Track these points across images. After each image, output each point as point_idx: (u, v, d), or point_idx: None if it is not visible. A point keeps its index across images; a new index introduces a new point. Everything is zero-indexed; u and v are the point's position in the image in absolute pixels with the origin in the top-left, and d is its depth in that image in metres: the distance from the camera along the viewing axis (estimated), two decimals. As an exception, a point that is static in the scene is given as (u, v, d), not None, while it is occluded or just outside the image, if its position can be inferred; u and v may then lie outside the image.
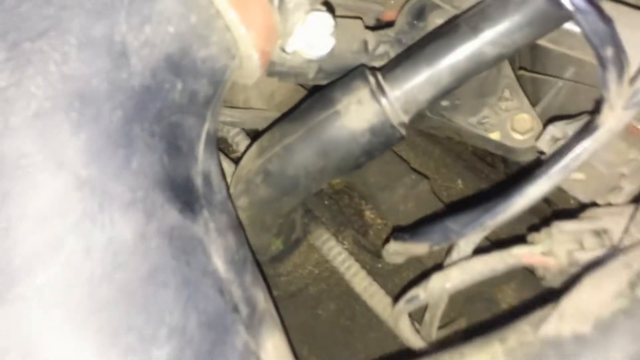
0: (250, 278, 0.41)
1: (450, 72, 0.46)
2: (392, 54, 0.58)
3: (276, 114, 0.67)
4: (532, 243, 0.46)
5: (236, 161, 0.68)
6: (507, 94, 0.63)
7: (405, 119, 0.48)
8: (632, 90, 0.37)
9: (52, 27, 0.31)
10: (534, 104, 0.66)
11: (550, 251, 0.44)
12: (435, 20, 0.59)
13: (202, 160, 0.39)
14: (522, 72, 0.61)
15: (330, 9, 0.47)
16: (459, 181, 0.68)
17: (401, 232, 0.47)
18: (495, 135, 0.61)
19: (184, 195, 0.36)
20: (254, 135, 0.70)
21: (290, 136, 0.49)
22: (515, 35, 0.45)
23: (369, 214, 0.65)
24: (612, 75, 0.36)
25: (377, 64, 0.58)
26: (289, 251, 0.61)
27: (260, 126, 0.68)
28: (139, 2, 0.33)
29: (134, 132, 0.33)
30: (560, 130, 0.51)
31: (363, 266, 0.63)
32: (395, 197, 0.63)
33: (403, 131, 0.49)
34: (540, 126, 0.61)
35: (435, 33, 0.48)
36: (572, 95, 0.64)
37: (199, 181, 0.38)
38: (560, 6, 0.36)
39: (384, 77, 0.48)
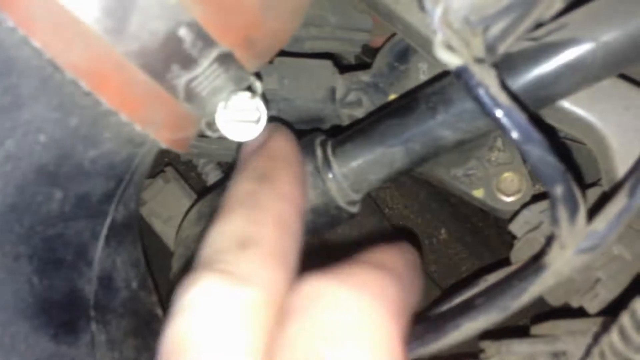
0: (151, 388, 0.37)
1: (405, 154, 0.40)
2: (366, 101, 0.53)
3: (247, 147, 0.62)
4: (481, 354, 0.41)
5: (201, 192, 0.64)
6: (499, 143, 0.56)
7: (356, 197, 0.43)
8: (586, 232, 0.31)
9: None
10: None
11: (498, 371, 0.39)
12: (419, 64, 0.53)
13: (100, 261, 0.36)
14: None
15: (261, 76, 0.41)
16: (443, 230, 0.62)
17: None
18: (478, 193, 0.55)
19: (62, 315, 0.33)
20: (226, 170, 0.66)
21: None
22: (479, 122, 0.38)
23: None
24: (562, 214, 0.30)
25: (348, 112, 0.52)
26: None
27: (228, 159, 0.64)
28: (-3, 115, 0.29)
29: (-9, 260, 0.29)
30: (535, 217, 0.45)
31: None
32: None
33: (354, 209, 0.44)
34: (530, 188, 0.54)
35: (393, 108, 0.42)
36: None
37: (89, 289, 0.35)
38: (505, 132, 0.30)
39: (334, 150, 0.43)
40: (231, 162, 0.67)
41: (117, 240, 0.37)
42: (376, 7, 0.50)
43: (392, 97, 0.52)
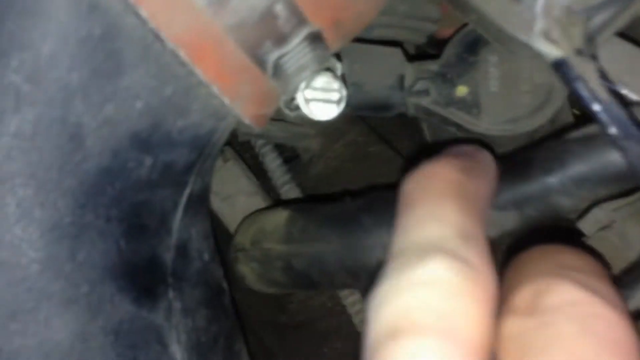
0: (220, 358, 0.38)
1: (519, 219, 0.40)
2: (433, 91, 0.52)
3: (306, 130, 0.63)
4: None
5: (256, 169, 0.65)
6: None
7: None
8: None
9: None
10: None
11: None
12: (488, 56, 0.52)
13: (178, 230, 0.36)
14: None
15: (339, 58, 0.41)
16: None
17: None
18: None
19: (144, 279, 0.33)
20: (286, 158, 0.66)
21: (324, 243, 0.45)
22: (599, 189, 0.37)
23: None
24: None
25: (415, 100, 0.52)
26: (298, 290, 0.58)
27: (289, 141, 0.64)
28: (99, 79, 0.29)
29: (84, 220, 0.30)
30: (606, 215, 0.45)
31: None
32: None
33: None
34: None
35: (504, 166, 0.40)
36: None
37: (168, 257, 0.35)
38: (603, 127, 0.29)
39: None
40: (286, 144, 0.67)
41: (193, 212, 0.38)
42: (451, -3, 0.50)
43: (460, 88, 0.52)
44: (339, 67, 0.38)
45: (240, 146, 0.71)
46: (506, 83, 0.52)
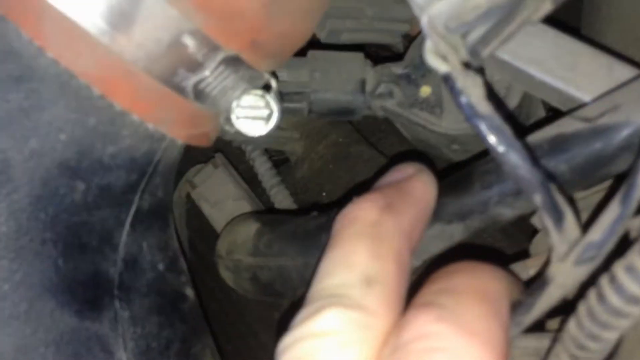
0: (171, 362, 0.41)
1: (464, 230, 0.41)
2: (398, 92, 0.53)
3: (290, 134, 0.64)
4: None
5: (247, 177, 0.67)
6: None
7: (417, 263, 0.44)
8: (583, 243, 0.30)
9: None
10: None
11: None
12: (451, 55, 0.52)
13: (126, 244, 0.39)
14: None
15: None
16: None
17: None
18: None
19: (87, 293, 0.36)
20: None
21: (286, 258, 0.48)
22: None
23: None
24: (548, 223, 0.30)
25: (379, 103, 0.53)
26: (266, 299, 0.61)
27: (274, 145, 0.66)
28: (21, 117, 0.32)
29: (20, 244, 0.34)
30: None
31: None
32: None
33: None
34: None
35: (447, 185, 0.41)
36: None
37: (113, 270, 0.38)
38: (482, 139, 0.30)
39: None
40: (275, 149, 0.69)
41: (143, 226, 0.41)
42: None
43: (424, 88, 0.53)
44: (273, 83, 0.40)
45: (239, 150, 0.74)
46: (469, 81, 0.52)
